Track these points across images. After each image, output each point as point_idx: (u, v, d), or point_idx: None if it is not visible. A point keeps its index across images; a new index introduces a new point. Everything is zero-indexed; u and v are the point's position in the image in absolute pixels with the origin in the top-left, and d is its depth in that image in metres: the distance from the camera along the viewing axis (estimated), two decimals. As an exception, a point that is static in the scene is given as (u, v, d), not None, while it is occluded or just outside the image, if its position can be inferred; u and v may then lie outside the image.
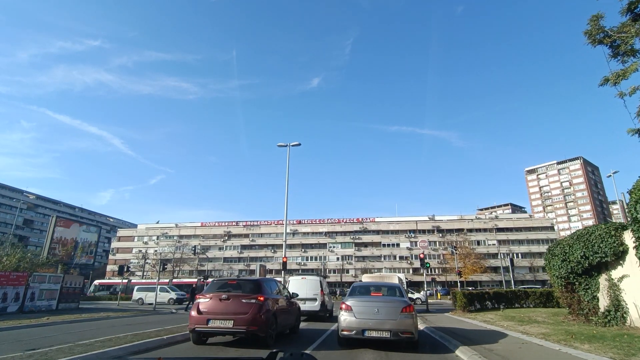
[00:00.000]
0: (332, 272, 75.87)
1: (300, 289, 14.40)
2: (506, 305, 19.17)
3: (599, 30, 9.57)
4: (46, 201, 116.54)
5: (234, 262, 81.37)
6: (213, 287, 7.97)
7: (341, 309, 7.82)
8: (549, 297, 19.12)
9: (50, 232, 27.33)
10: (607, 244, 10.24)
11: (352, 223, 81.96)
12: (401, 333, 7.20)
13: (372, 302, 7.78)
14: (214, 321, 7.18)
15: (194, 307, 7.56)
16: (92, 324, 13.30)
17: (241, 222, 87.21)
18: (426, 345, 8.63)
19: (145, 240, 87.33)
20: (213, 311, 7.32)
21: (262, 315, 7.26)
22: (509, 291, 19.90)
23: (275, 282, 9.38)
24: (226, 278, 9.22)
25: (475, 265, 65.48)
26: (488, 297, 18.98)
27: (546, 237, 75.35)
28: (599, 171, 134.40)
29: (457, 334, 9.85)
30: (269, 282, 8.76)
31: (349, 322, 7.45)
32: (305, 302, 14.09)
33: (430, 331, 11.39)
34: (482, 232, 77.43)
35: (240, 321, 7.07)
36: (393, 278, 19.22)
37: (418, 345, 7.78)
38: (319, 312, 13.96)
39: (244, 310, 7.22)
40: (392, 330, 7.19)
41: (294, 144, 23.13)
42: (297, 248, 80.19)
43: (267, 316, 7.39)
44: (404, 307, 7.49)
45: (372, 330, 7.27)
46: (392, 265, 74.13)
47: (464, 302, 17.05)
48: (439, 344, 8.90)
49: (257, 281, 8.16)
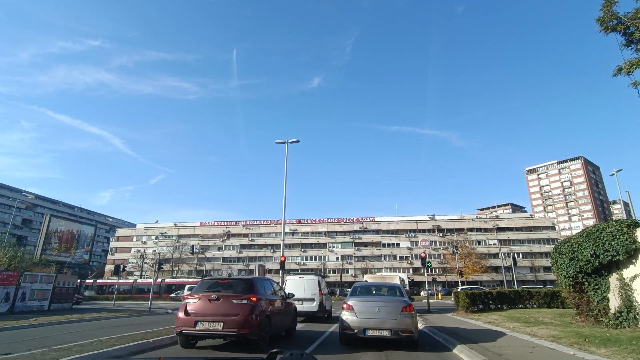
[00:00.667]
0: (332, 272, 75.42)
1: (297, 289, 13.89)
2: (509, 306, 18.70)
3: (612, 17, 9.07)
4: (45, 201, 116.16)
5: (233, 262, 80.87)
6: (202, 286, 7.44)
7: (343, 308, 7.98)
8: (553, 297, 18.64)
9: (44, 231, 26.81)
10: (618, 242, 9.75)
11: (352, 223, 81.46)
12: (401, 332, 7.36)
13: (373, 302, 7.98)
14: (202, 323, 6.67)
15: (181, 308, 7.07)
16: (81, 325, 12.81)
17: (240, 222, 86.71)
18: (426, 345, 8.41)
19: (144, 240, 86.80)
20: (202, 312, 6.81)
21: (254, 316, 6.76)
22: (512, 291, 19.41)
23: (269, 281, 8.87)
24: (217, 277, 8.69)
25: (476, 265, 65.06)
26: (491, 298, 18.49)
27: (547, 236, 74.92)
28: (600, 171, 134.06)
29: (461, 335, 9.36)
30: (263, 281, 8.26)
31: (351, 321, 7.62)
32: (303, 302, 13.59)
33: (431, 332, 10.90)
34: (482, 232, 76.95)
35: (231, 323, 6.57)
36: (394, 278, 18.84)
37: (418, 344, 7.86)
38: (317, 312, 13.44)
39: (235, 311, 6.72)
40: (393, 330, 7.35)
41: (292, 141, 22.65)
42: (297, 248, 79.69)
43: (260, 318, 6.89)
44: (404, 306, 7.65)
45: (373, 329, 7.43)
46: (392, 265, 73.64)
47: (466, 303, 16.55)
48: (440, 345, 8.47)
49: (250, 280, 7.64)
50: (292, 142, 22.65)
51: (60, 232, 28.01)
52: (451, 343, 8.25)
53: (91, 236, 32.01)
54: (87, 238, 30.91)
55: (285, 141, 22.93)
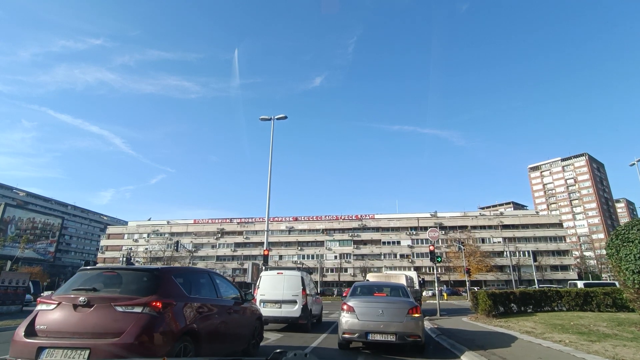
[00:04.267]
0: (330, 271, 72.38)
1: (275, 288, 10.80)
2: (534, 308, 15.67)
3: None
4: (37, 198, 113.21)
5: (228, 260, 77.77)
6: (73, 283, 4.30)
7: (342, 309, 7.37)
8: (587, 299, 15.62)
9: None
10: None
11: (350, 220, 78.24)
12: (408, 336, 6.77)
13: (376, 303, 7.29)
14: (51, 352, 3.58)
15: (24, 322, 3.97)
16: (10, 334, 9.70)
17: (235, 219, 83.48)
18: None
19: (136, 238, 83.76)
20: (56, 330, 3.73)
21: (154, 336, 3.69)
22: (539, 291, 16.33)
23: (212, 275, 5.67)
24: (103, 267, 5.31)
25: (481, 264, 62.09)
26: (514, 299, 15.41)
27: (554, 234, 71.90)
28: (604, 168, 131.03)
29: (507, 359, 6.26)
30: (191, 274, 5.13)
31: (351, 324, 7.01)
32: (281, 305, 10.47)
33: (454, 348, 7.78)
34: (486, 230, 73.85)
35: (104, 352, 3.49)
36: (400, 277, 15.87)
37: (424, 349, 7.27)
38: (300, 319, 10.28)
39: (117, 327, 3.64)
40: (398, 333, 6.75)
41: (279, 117, 19.54)
42: (294, 246, 76.58)
43: (167, 339, 3.81)
44: (410, 308, 7.06)
45: (376, 333, 6.81)
46: (393, 264, 70.51)
47: (488, 305, 13.43)
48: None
49: (156, 272, 4.42)
50: (279, 118, 19.55)
51: (19, 220, 24.61)
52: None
53: (58, 226, 28.68)
54: (53, 227, 27.55)
55: (271, 117, 19.86)
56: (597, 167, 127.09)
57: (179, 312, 4.14)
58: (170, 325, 3.91)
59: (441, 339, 8.94)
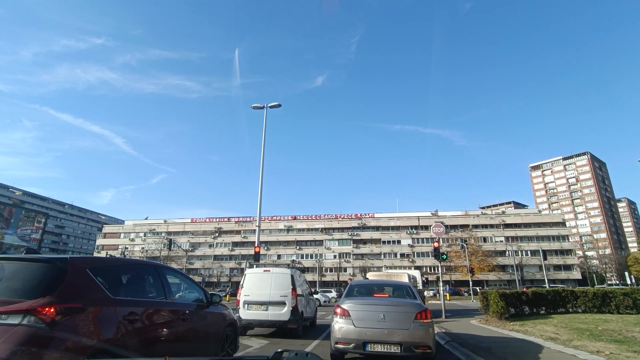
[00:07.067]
0: (329, 271, 71.10)
1: (261, 288, 9.50)
2: (547, 310, 14.43)
3: None
4: (33, 197, 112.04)
5: (225, 259, 76.44)
6: None
7: (335, 314, 6.07)
8: (605, 300, 14.34)
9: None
10: None
11: (350, 219, 76.92)
12: (415, 347, 5.47)
13: (376, 306, 5.97)
14: None
15: None
16: None
17: (233, 218, 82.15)
18: None
19: (132, 237, 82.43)
20: None
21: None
22: (552, 292, 15.04)
23: (160, 271, 4.22)
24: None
25: (483, 263, 60.89)
26: (526, 300, 14.15)
27: (557, 233, 70.61)
28: (606, 167, 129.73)
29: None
30: (123, 268, 3.77)
31: (346, 331, 5.77)
32: (268, 307, 9.19)
33: (468, 357, 6.50)
34: (488, 229, 72.51)
35: None
36: (402, 276, 14.62)
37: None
38: (289, 323, 8.97)
39: None
40: (404, 344, 5.46)
41: (272, 105, 18.32)
42: (292, 245, 75.30)
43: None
44: (418, 312, 5.76)
45: (376, 343, 5.57)
46: (393, 264, 69.20)
47: (501, 307, 12.14)
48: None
49: (61, 263, 2.99)
50: (272, 106, 18.31)
51: None
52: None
53: (43, 214, 27.32)
54: (37, 216, 26.18)
55: (264, 105, 18.63)
56: (599, 166, 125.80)
57: (90, 321, 2.84)
58: (70, 342, 2.62)
59: (452, 347, 7.66)
